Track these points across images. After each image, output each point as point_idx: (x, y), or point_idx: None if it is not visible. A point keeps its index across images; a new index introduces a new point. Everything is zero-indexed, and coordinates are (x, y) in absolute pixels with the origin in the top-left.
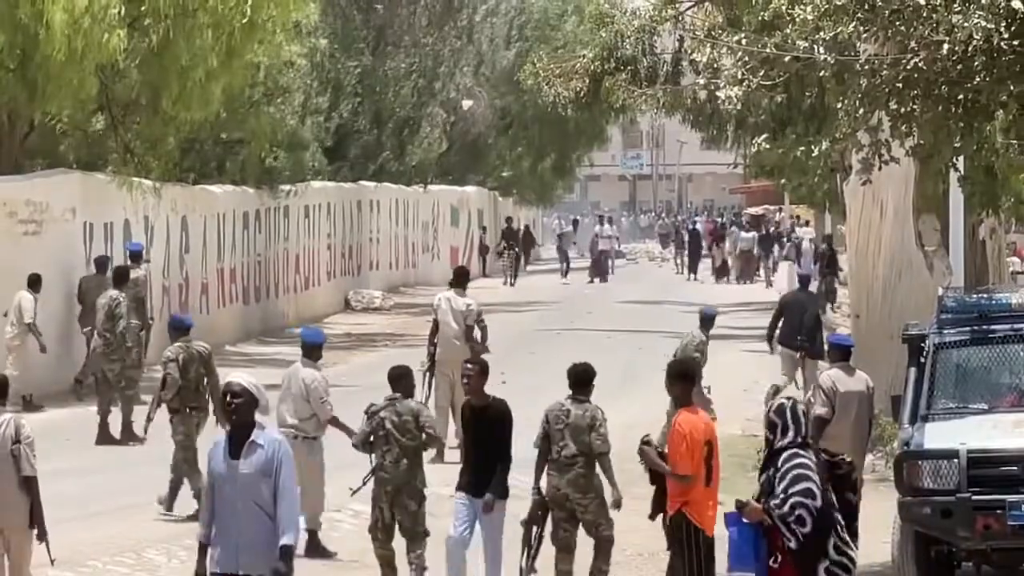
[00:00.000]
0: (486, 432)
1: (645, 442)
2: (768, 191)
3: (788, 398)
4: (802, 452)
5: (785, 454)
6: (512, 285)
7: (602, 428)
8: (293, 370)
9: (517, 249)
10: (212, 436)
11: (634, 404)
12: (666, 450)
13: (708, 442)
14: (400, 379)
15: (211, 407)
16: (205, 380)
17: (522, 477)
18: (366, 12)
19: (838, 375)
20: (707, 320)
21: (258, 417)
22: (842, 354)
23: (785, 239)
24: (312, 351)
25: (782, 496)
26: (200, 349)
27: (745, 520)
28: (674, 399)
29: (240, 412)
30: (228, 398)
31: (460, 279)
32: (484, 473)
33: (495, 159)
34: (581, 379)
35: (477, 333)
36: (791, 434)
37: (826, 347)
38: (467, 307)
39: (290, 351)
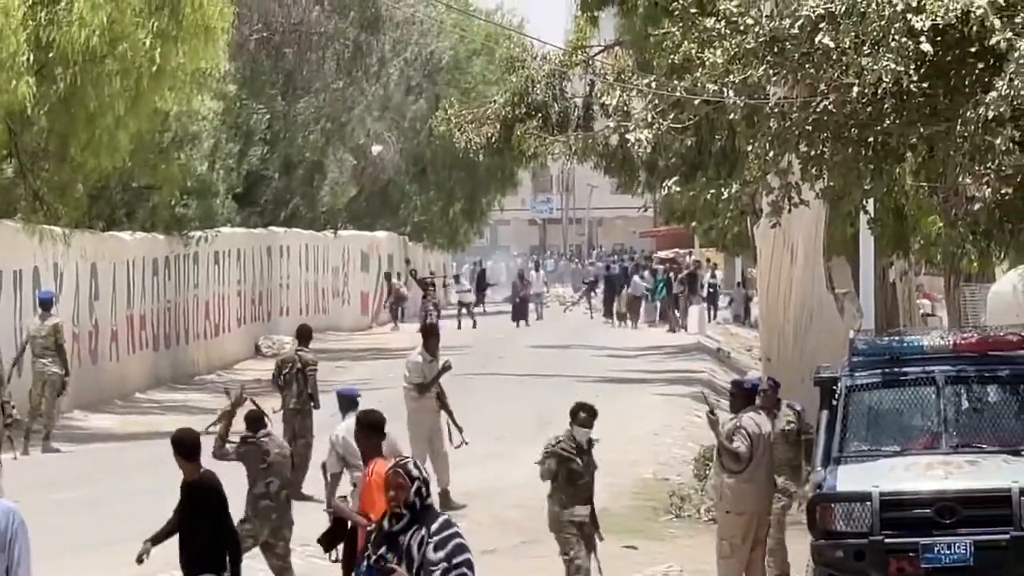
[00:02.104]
0: (196, 509)
1: (342, 497)
2: (678, 234)
3: (407, 458)
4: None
5: (441, 519)
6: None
7: None
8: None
9: (433, 295)
10: None
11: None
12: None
13: None
14: (257, 421)
15: None
16: None
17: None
18: (275, 57)
19: (758, 418)
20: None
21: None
22: (753, 397)
23: (700, 284)
24: (351, 405)
25: (444, 565)
26: None
27: None
28: (362, 452)
29: None
30: None
31: (424, 337)
32: (199, 552)
33: (405, 204)
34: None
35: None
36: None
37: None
38: (409, 362)
39: (200, 398)
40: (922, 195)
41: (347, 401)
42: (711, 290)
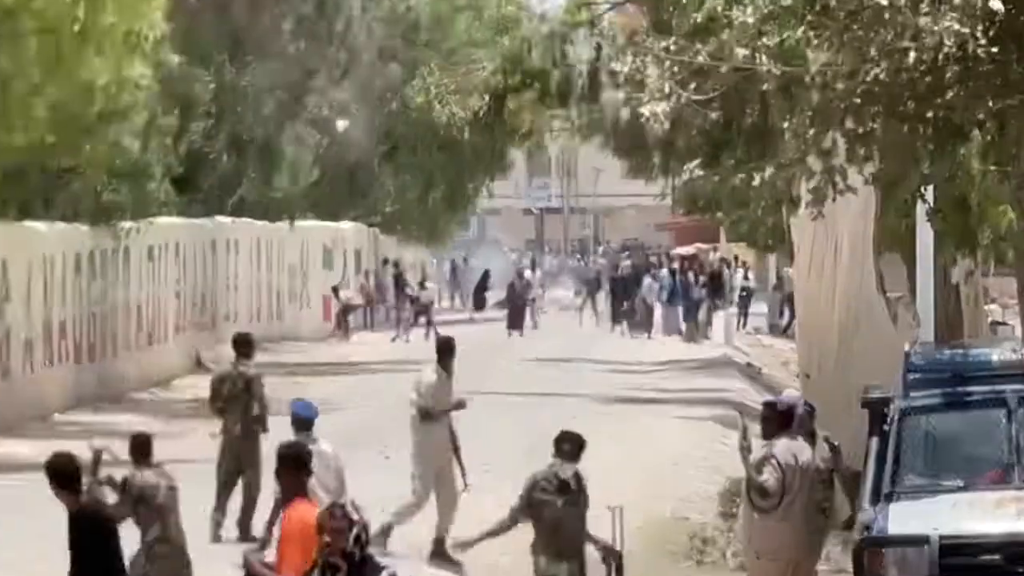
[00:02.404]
0: (86, 543)
1: (256, 549)
2: (701, 227)
3: (342, 502)
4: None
5: (384, 573)
6: (406, 341)
7: None
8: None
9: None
10: None
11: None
12: None
13: None
14: (143, 447)
15: None
16: None
17: None
18: (220, 15)
19: (795, 446)
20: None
21: None
22: (790, 420)
23: (728, 287)
24: (305, 424)
25: None
26: None
27: None
28: (283, 490)
29: None
30: None
31: (439, 353)
32: None
33: (376, 190)
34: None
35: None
36: None
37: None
38: (421, 383)
39: (133, 419)
40: (991, 181)
41: (301, 421)
42: (743, 293)
